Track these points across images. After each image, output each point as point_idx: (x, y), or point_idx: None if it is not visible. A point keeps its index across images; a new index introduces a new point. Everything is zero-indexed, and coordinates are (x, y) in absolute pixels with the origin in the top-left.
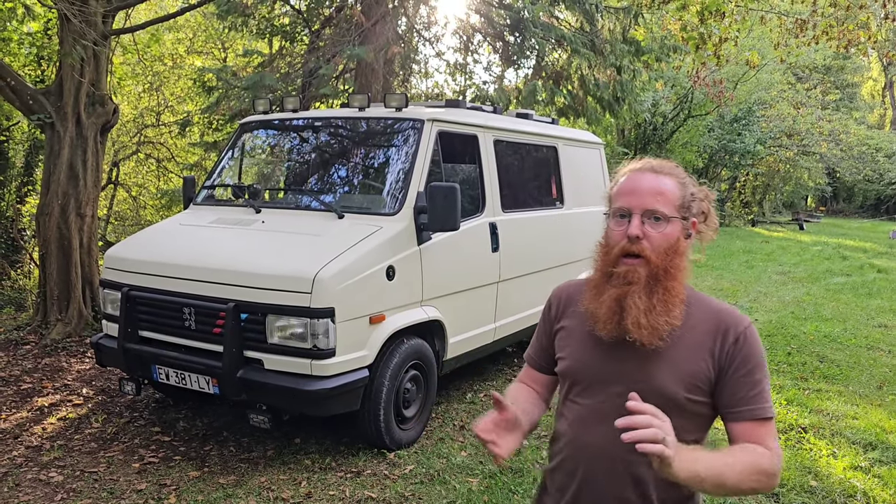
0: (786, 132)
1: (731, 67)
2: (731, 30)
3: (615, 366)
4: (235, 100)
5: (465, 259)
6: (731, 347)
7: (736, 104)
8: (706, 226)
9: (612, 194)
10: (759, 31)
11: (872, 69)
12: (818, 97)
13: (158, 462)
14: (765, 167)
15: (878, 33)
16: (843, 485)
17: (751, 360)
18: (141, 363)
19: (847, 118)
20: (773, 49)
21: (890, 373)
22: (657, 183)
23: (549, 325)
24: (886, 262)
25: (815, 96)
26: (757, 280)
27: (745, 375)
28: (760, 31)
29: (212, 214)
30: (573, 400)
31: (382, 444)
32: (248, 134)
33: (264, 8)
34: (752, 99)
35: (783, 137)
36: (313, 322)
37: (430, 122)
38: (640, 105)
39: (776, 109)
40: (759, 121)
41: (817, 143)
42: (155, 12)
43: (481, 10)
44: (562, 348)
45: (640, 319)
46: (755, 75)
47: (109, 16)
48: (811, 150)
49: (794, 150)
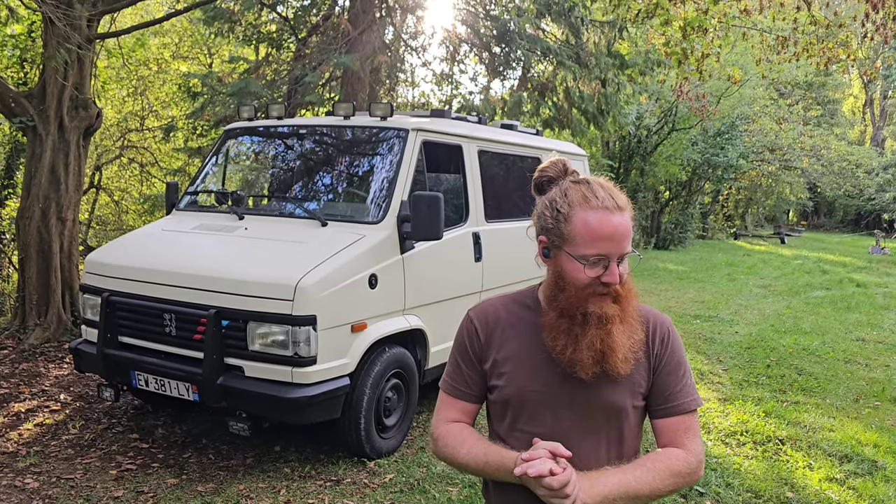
0: (768, 147)
1: (715, 82)
2: (714, 45)
3: (565, 389)
4: (220, 106)
5: (448, 268)
6: (659, 347)
7: (719, 118)
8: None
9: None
10: (742, 46)
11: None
12: (800, 113)
13: (136, 469)
14: (747, 181)
15: (857, 51)
16: (819, 496)
17: (675, 355)
18: (120, 369)
19: (828, 134)
20: (755, 65)
21: (866, 386)
22: (628, 225)
23: (477, 351)
24: (865, 277)
25: (797, 112)
26: (738, 293)
27: (671, 373)
28: (743, 47)
29: (194, 220)
30: (521, 429)
31: (363, 452)
32: (233, 140)
33: (251, 15)
34: (735, 113)
35: (766, 152)
36: (295, 329)
37: (414, 132)
38: (624, 118)
39: (759, 124)
40: (741, 135)
41: (799, 158)
42: (141, 17)
43: (468, 21)
44: (500, 376)
45: (626, 355)
46: (738, 90)
47: (94, 19)
48: (793, 165)
49: (777, 165)
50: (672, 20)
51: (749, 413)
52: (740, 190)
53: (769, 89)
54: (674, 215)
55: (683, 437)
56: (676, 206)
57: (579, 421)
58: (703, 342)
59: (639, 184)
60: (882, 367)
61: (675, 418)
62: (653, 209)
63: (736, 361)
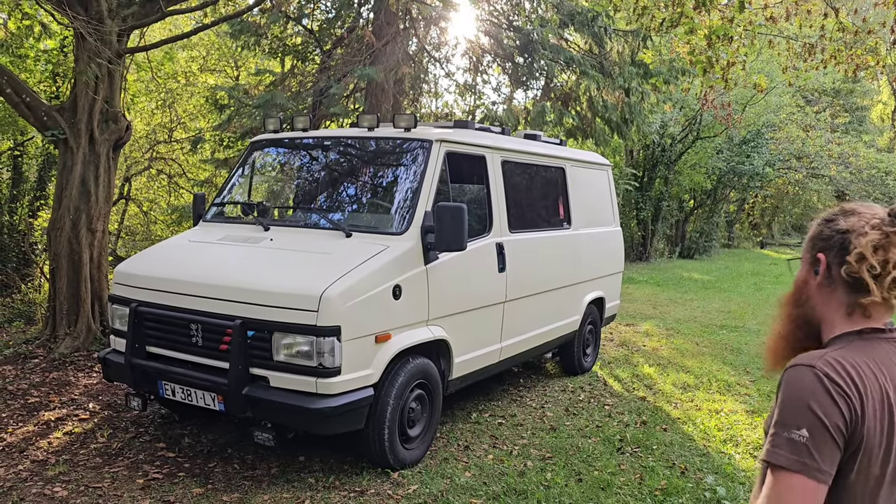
0: (795, 154)
1: (740, 90)
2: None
3: None
4: (247, 118)
5: (471, 279)
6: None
7: (745, 126)
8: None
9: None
10: (768, 54)
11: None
12: (827, 120)
13: (163, 478)
14: (773, 189)
15: (887, 58)
16: None
17: (778, 400)
18: (147, 379)
19: (856, 141)
20: (781, 72)
21: None
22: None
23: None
24: None
25: (824, 119)
26: (765, 302)
27: (773, 418)
28: (769, 55)
29: (221, 231)
30: None
31: (386, 463)
32: (259, 152)
33: (277, 28)
34: (760, 121)
35: (792, 160)
36: (319, 340)
37: (438, 143)
38: (648, 127)
39: (785, 132)
40: (767, 143)
41: (826, 165)
42: (169, 31)
43: (491, 32)
44: None
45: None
46: (764, 98)
47: (124, 34)
48: (820, 173)
49: (803, 173)
50: (697, 29)
51: None
52: (766, 198)
53: (795, 97)
54: (699, 224)
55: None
56: (701, 215)
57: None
58: (730, 353)
59: (663, 193)
60: None
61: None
62: (677, 218)
63: (763, 372)
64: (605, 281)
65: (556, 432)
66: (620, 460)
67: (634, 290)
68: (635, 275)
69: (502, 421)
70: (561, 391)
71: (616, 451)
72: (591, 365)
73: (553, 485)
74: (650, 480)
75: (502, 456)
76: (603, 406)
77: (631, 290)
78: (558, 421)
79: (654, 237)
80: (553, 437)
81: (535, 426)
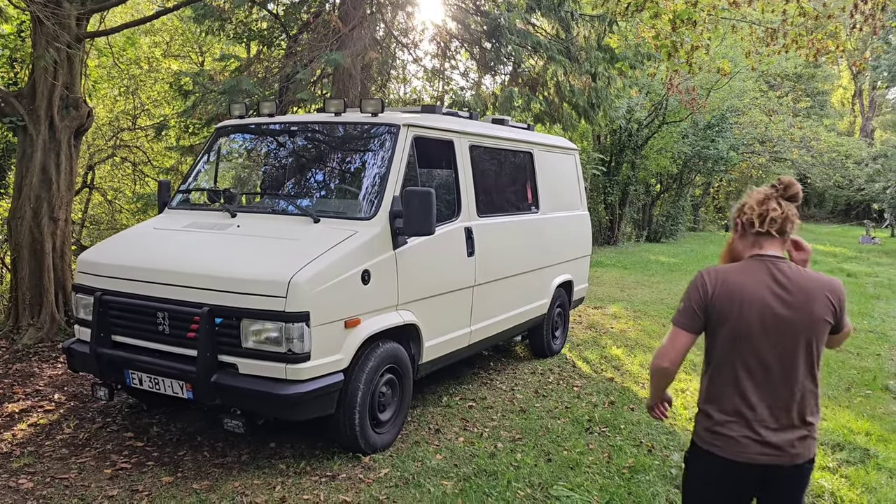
0: (758, 139)
1: (705, 75)
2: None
3: None
4: (212, 104)
5: (440, 263)
6: None
7: (709, 111)
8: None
9: None
10: (732, 39)
11: (842, 77)
12: (790, 104)
13: (131, 468)
14: (738, 173)
15: (846, 42)
16: (812, 485)
17: None
18: (114, 368)
19: (818, 125)
20: (744, 57)
21: (858, 375)
22: None
23: None
24: (856, 267)
25: (786, 104)
26: None
27: None
28: (732, 40)
29: (186, 219)
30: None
31: (357, 447)
32: (224, 138)
33: (241, 12)
34: (725, 106)
35: (756, 144)
36: (288, 326)
37: (405, 128)
38: (615, 112)
39: (749, 116)
40: (731, 127)
41: (789, 149)
42: (132, 15)
43: (458, 17)
44: None
45: None
46: (728, 83)
47: (84, 18)
48: (783, 157)
49: (767, 157)
50: (661, 13)
51: None
52: (731, 182)
53: (759, 81)
54: (665, 208)
55: None
56: (667, 199)
57: None
58: None
59: (630, 177)
60: (873, 356)
61: None
62: (644, 202)
63: None
64: (574, 264)
65: (525, 414)
66: (589, 440)
67: (602, 273)
68: (603, 258)
69: (473, 404)
70: (531, 374)
71: (585, 431)
72: (560, 347)
73: (523, 465)
74: (618, 459)
75: (473, 438)
76: (572, 387)
77: (599, 274)
78: (528, 403)
79: (622, 221)
80: (523, 418)
81: (505, 408)
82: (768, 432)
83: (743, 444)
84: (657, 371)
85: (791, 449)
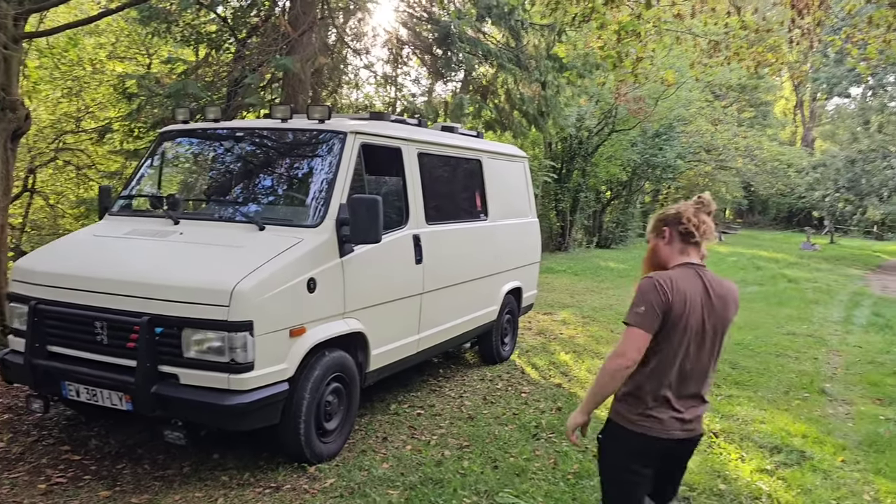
0: (704, 147)
1: (653, 85)
2: (648, 49)
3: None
4: (158, 107)
5: (388, 271)
6: None
7: (657, 120)
8: (679, 225)
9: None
10: (678, 50)
11: (784, 89)
12: (734, 114)
13: (67, 482)
14: (685, 180)
15: (786, 55)
16: (750, 487)
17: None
18: (49, 379)
19: (761, 135)
20: (689, 68)
21: (796, 378)
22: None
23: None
24: (797, 272)
25: (731, 113)
26: None
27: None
28: (679, 51)
29: (127, 225)
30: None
31: (303, 457)
32: (169, 143)
33: (189, 15)
34: (672, 115)
35: (702, 152)
36: (231, 335)
37: (353, 135)
38: (564, 119)
39: (695, 125)
40: (679, 136)
41: (734, 158)
42: (75, 16)
43: (409, 24)
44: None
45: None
46: (675, 93)
47: (21, 18)
48: (728, 165)
49: (713, 165)
50: (607, 24)
51: None
52: (679, 189)
53: (705, 92)
54: (615, 214)
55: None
56: (618, 206)
57: None
58: None
59: (581, 184)
60: (811, 360)
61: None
62: (595, 209)
63: None
64: (523, 271)
65: (473, 421)
66: (536, 446)
67: (553, 279)
68: (554, 264)
69: (421, 411)
70: (479, 380)
71: (532, 437)
72: (509, 354)
73: (469, 472)
74: (564, 465)
75: (420, 446)
76: (520, 394)
77: (549, 280)
78: (476, 410)
79: (573, 227)
80: (471, 425)
81: (453, 415)
82: (686, 412)
83: (668, 424)
84: (617, 372)
85: (698, 425)
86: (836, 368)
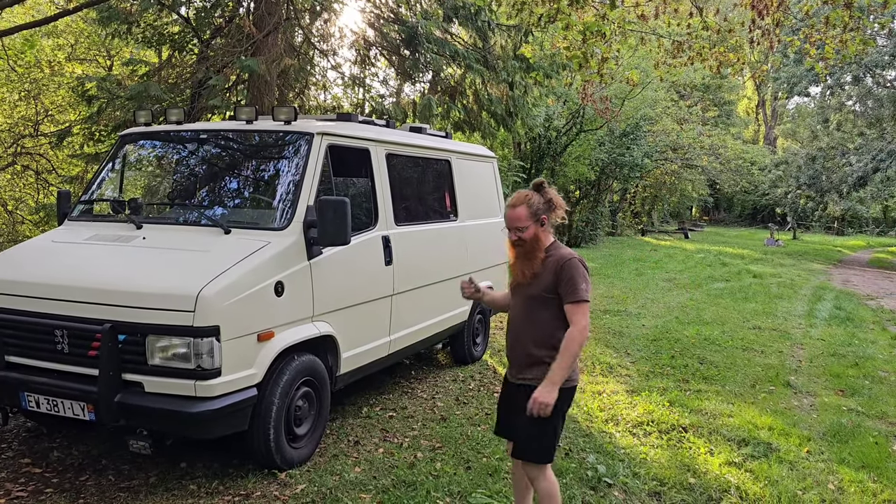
0: (671, 146)
1: (619, 85)
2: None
3: (518, 290)
4: (119, 110)
5: (357, 273)
6: (560, 269)
7: (624, 120)
8: (553, 212)
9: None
10: (643, 51)
11: (747, 88)
12: (699, 114)
13: (27, 496)
14: (652, 179)
15: (746, 55)
16: (719, 480)
17: (566, 274)
18: (7, 390)
19: (725, 134)
20: (654, 68)
21: (762, 372)
22: (513, 213)
23: None
24: (761, 268)
25: (696, 113)
26: (646, 287)
27: (567, 282)
28: (643, 52)
29: (88, 230)
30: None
31: (273, 464)
32: (130, 146)
33: (150, 15)
34: (638, 115)
35: (668, 151)
36: (197, 341)
37: (319, 136)
38: (532, 120)
39: (661, 125)
40: (645, 136)
41: (699, 156)
42: (32, 16)
43: (376, 25)
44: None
45: (525, 272)
46: (641, 93)
47: None
48: (694, 164)
49: (679, 164)
50: (572, 25)
51: (655, 403)
52: (646, 188)
53: (670, 91)
54: (584, 214)
55: (573, 317)
56: (587, 205)
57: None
58: (613, 336)
59: (550, 184)
60: (776, 354)
61: (569, 305)
62: None
63: (643, 354)
64: (493, 271)
65: (446, 422)
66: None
67: None
68: None
69: (393, 414)
70: (452, 381)
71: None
72: (481, 354)
73: (442, 474)
74: None
75: (392, 449)
76: (492, 394)
77: None
78: (449, 411)
79: None
80: (443, 427)
81: (425, 417)
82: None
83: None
84: (584, 342)
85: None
86: (800, 361)
